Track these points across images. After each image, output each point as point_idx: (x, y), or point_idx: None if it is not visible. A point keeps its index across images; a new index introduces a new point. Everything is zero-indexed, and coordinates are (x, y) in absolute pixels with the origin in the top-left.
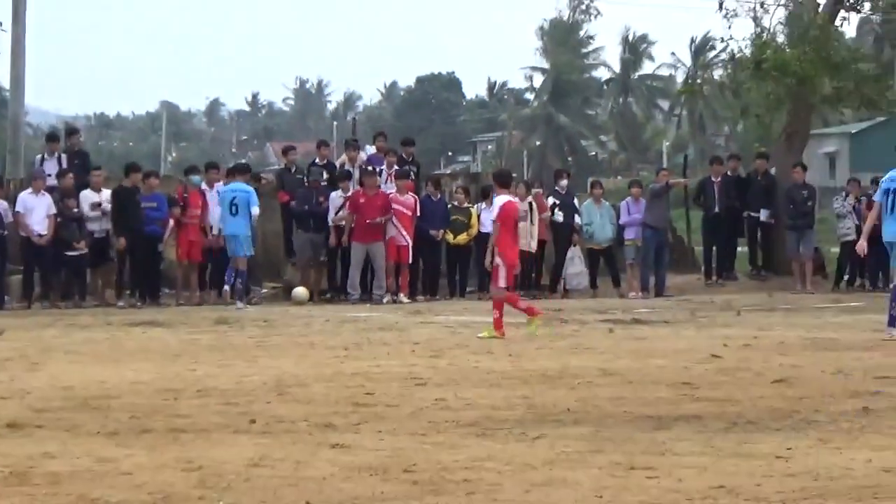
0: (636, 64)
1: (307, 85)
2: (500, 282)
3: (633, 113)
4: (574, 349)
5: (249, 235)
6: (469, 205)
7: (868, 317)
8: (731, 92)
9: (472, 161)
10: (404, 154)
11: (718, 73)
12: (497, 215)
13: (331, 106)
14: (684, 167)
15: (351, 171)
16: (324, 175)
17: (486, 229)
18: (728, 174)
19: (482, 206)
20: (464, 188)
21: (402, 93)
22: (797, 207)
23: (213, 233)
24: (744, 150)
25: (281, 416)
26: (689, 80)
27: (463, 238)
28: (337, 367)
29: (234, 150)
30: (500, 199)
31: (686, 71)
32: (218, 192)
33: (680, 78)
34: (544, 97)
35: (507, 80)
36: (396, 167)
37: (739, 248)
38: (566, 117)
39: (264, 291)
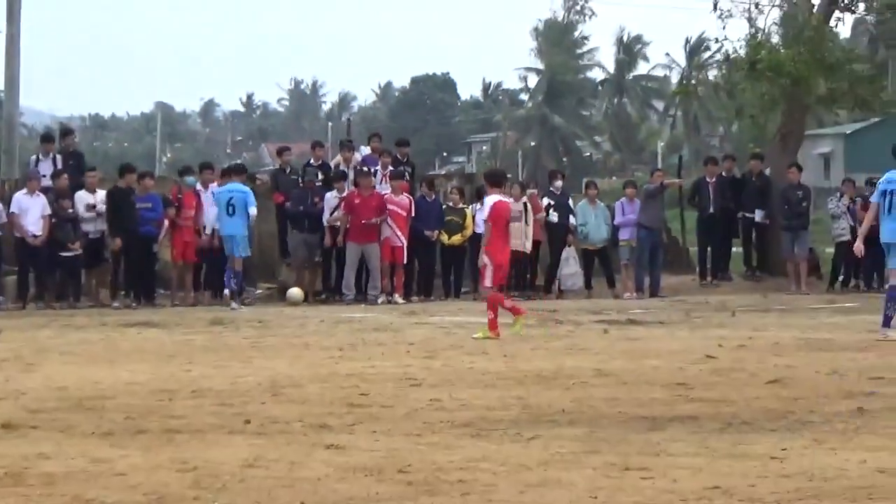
0: (631, 64)
1: (302, 85)
2: (487, 281)
3: (627, 113)
4: (569, 350)
5: (246, 236)
6: (464, 205)
7: (863, 317)
8: (726, 92)
9: (467, 162)
10: (399, 155)
11: (713, 74)
12: (488, 215)
13: (325, 107)
14: (679, 168)
15: (346, 172)
16: (319, 176)
17: (480, 229)
18: (723, 175)
19: (477, 206)
20: (458, 189)
21: (397, 93)
22: (792, 208)
23: (206, 232)
24: (738, 151)
25: (276, 416)
26: (684, 81)
27: (458, 239)
28: (332, 367)
29: (228, 150)
30: (491, 199)
31: (681, 71)
32: (213, 193)
33: (675, 78)
34: (539, 98)
35: (501, 81)
36: (391, 168)
37: (734, 249)
38: (561, 118)
39: (259, 292)
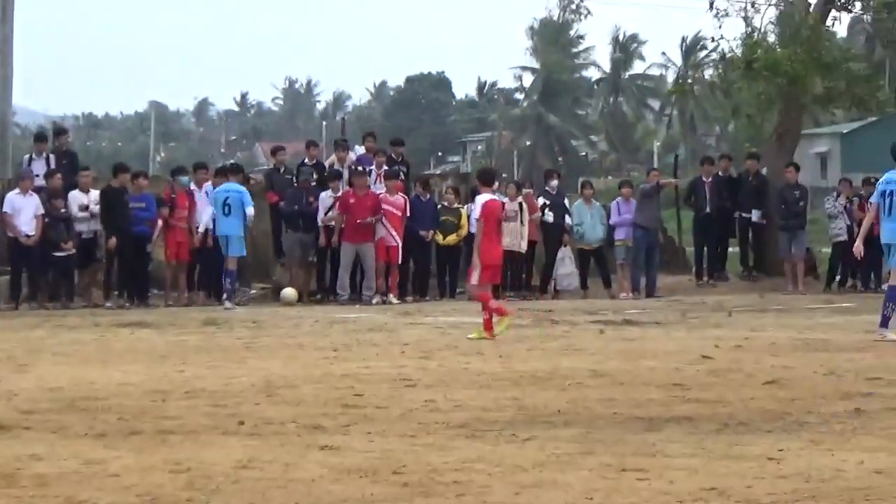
0: (627, 64)
1: (296, 85)
2: (473, 279)
3: (623, 113)
4: (564, 350)
5: (242, 236)
6: (459, 205)
7: (860, 318)
8: (722, 92)
9: (462, 161)
10: (394, 154)
11: (709, 73)
12: (479, 213)
13: (320, 106)
14: (675, 167)
15: (341, 172)
16: (313, 175)
17: (474, 229)
18: (719, 174)
19: (471, 206)
20: (453, 188)
21: (392, 93)
22: (789, 208)
23: (199, 231)
24: (735, 150)
25: (270, 417)
26: (680, 80)
27: (452, 239)
28: (326, 368)
29: (222, 150)
30: (482, 198)
31: (677, 71)
32: (207, 193)
33: (671, 78)
34: (534, 97)
35: (496, 80)
36: (386, 167)
37: (731, 249)
38: (556, 117)
39: (253, 292)
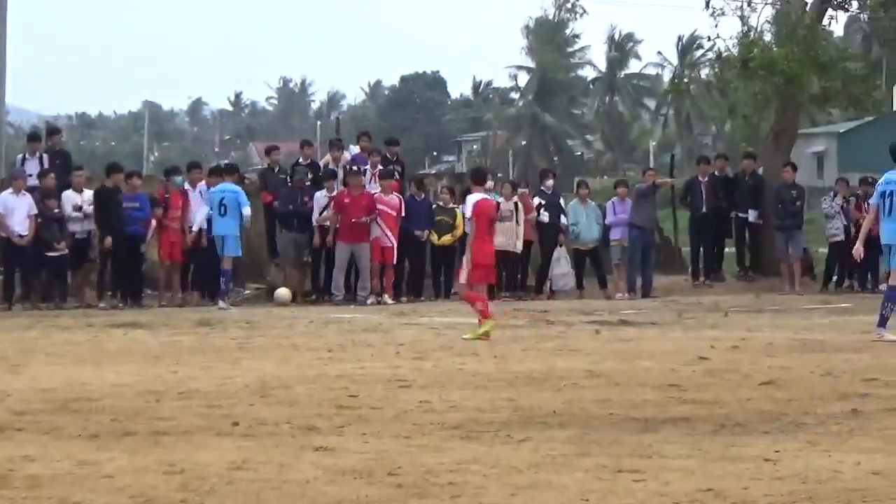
0: (622, 63)
1: (291, 84)
2: (462, 277)
3: (619, 112)
4: (560, 351)
5: (238, 236)
6: (454, 205)
7: (857, 318)
8: (719, 91)
9: (457, 161)
10: (388, 154)
11: (705, 73)
12: (471, 212)
13: (314, 105)
14: (671, 167)
15: (335, 171)
16: (308, 175)
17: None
18: (715, 174)
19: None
20: (449, 188)
21: (387, 92)
22: (786, 207)
23: (193, 230)
24: (731, 150)
25: (264, 418)
26: (676, 80)
27: (448, 239)
28: (320, 368)
29: (216, 149)
30: (474, 197)
31: (673, 70)
32: (201, 193)
33: (667, 77)
34: (529, 96)
35: (492, 80)
36: (380, 167)
37: (727, 249)
38: (552, 117)
39: (247, 292)
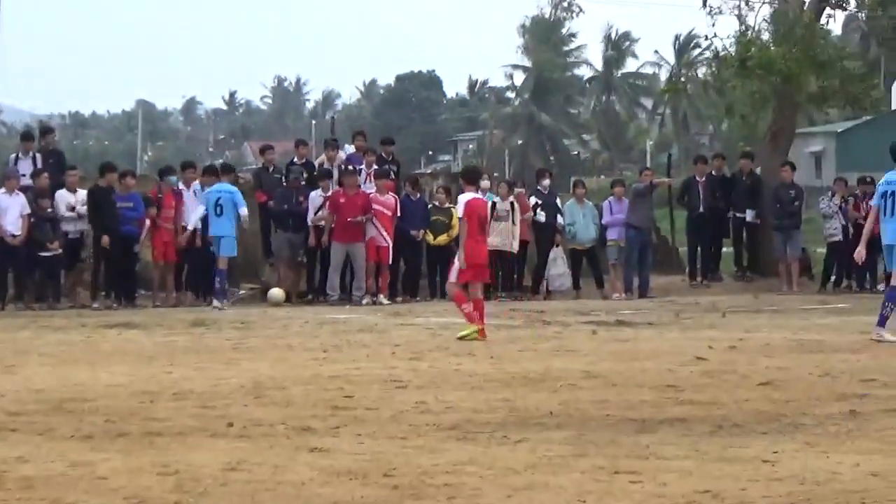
0: (619, 62)
1: (285, 83)
2: (452, 276)
3: (615, 111)
4: (556, 351)
5: (234, 236)
6: (450, 205)
7: (855, 318)
8: (716, 90)
9: (453, 160)
10: (384, 153)
11: (702, 72)
12: (462, 212)
13: (309, 104)
14: (668, 166)
15: (331, 171)
16: (303, 174)
17: None
18: (713, 174)
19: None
20: (445, 188)
21: (382, 91)
22: (784, 207)
23: (188, 229)
24: (728, 150)
25: (258, 419)
26: (673, 79)
27: (443, 239)
28: (315, 369)
29: (210, 149)
30: (465, 197)
31: (670, 69)
32: (195, 193)
33: (663, 76)
34: (526, 95)
35: (488, 79)
36: (376, 167)
37: (724, 249)
38: (548, 116)
39: (242, 292)
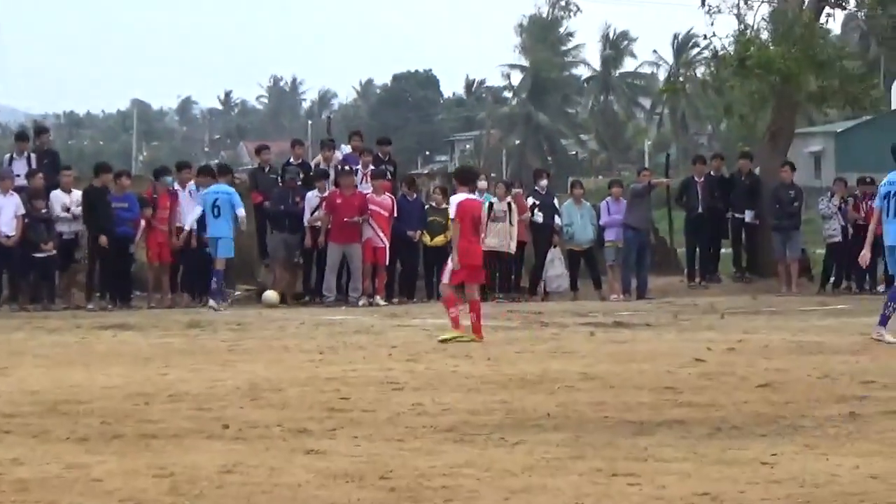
0: (617, 61)
1: (281, 83)
2: (445, 277)
3: (613, 111)
4: (554, 353)
5: (231, 237)
6: (447, 205)
7: (855, 320)
8: (714, 90)
9: (450, 160)
10: (380, 153)
11: (701, 71)
12: (454, 213)
13: (305, 104)
14: (666, 167)
15: (327, 171)
16: (299, 175)
17: None
18: (711, 174)
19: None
20: (441, 188)
21: (378, 91)
22: (783, 208)
23: (185, 229)
24: (727, 150)
25: (254, 421)
26: (672, 78)
27: (440, 239)
28: (312, 371)
29: (206, 149)
30: (457, 197)
31: (668, 69)
32: (191, 193)
33: (662, 76)
34: (523, 95)
35: (485, 78)
36: (372, 167)
37: (723, 250)
38: (545, 116)
39: (238, 294)
